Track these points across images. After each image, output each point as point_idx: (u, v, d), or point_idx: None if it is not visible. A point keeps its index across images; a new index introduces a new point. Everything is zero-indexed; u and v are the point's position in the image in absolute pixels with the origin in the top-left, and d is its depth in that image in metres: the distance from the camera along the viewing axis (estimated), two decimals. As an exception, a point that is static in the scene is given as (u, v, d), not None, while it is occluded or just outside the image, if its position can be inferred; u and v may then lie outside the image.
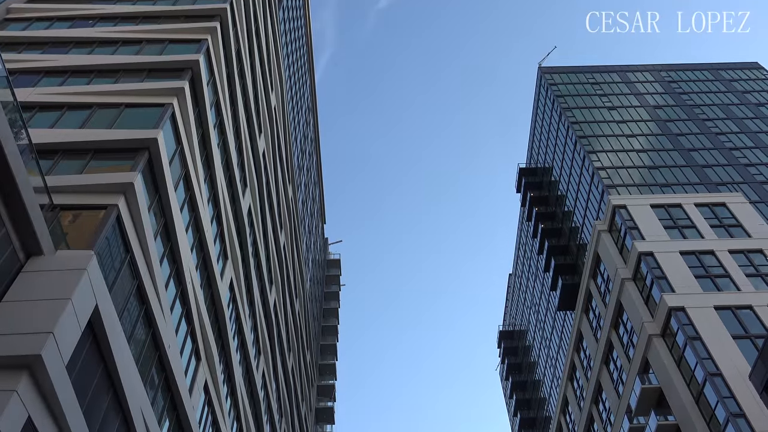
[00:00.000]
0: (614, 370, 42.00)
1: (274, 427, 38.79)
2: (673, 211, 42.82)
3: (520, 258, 75.88)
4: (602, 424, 44.59)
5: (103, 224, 15.27)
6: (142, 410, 16.78)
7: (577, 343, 50.00)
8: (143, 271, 17.19)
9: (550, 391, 60.85)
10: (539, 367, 65.72)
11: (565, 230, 57.02)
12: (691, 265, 38.04)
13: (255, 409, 33.31)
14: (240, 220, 30.33)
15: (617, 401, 41.13)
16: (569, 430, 53.56)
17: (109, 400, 15.24)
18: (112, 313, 14.83)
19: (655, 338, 35.42)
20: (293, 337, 48.24)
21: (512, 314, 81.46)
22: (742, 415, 29.03)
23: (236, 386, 28.08)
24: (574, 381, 51.55)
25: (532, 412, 69.10)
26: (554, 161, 61.10)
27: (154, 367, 18.28)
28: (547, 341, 62.04)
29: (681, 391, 32.48)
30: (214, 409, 24.38)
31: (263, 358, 35.57)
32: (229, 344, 26.75)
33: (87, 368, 14.09)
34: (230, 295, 28.27)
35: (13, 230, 13.11)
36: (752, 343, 32.56)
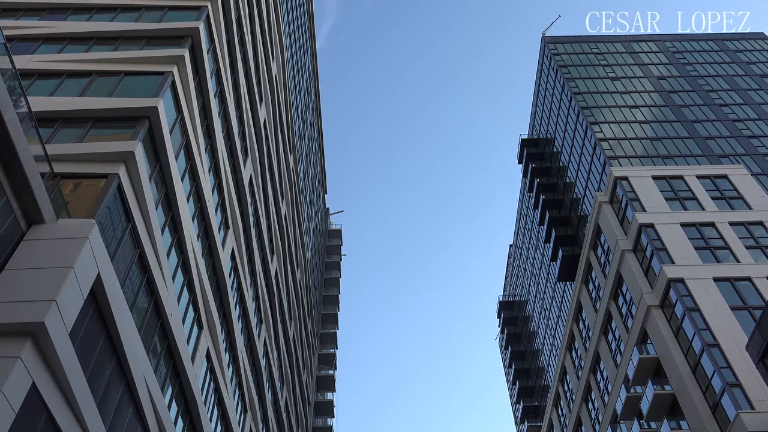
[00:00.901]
0: (612, 340, 42.38)
1: (276, 394, 39.30)
2: (674, 183, 42.77)
3: (520, 229, 76.00)
4: (600, 393, 45.16)
5: (104, 193, 15.26)
6: (145, 377, 16.98)
7: (577, 314, 50.37)
8: (145, 240, 17.24)
9: (549, 360, 61.49)
10: (538, 337, 66.31)
11: (566, 201, 57.01)
12: (692, 236, 38.12)
13: (257, 377, 33.71)
14: (241, 190, 30.32)
15: (615, 371, 41.58)
16: (567, 399, 54.27)
17: (113, 367, 15.41)
18: (114, 282, 14.92)
19: (653, 309, 35.66)
20: (294, 306, 48.59)
21: (512, 285, 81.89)
22: (738, 385, 29.37)
23: (238, 354, 28.37)
24: (573, 351, 52.06)
25: (531, 381, 69.94)
26: (556, 132, 60.80)
27: (157, 335, 18.45)
28: (546, 312, 62.49)
29: (678, 361, 32.81)
30: (216, 376, 24.67)
31: (265, 326, 35.88)
32: (231, 313, 26.96)
33: (90, 336, 14.22)
34: (232, 264, 28.40)
35: (14, 198, 13.11)
36: (750, 315, 32.79)
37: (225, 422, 26.31)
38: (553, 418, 59.14)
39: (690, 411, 31.49)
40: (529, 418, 67.90)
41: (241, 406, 29.80)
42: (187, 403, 21.18)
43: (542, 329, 64.41)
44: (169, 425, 18.65)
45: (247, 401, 30.69)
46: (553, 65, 61.78)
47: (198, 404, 21.35)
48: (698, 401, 30.90)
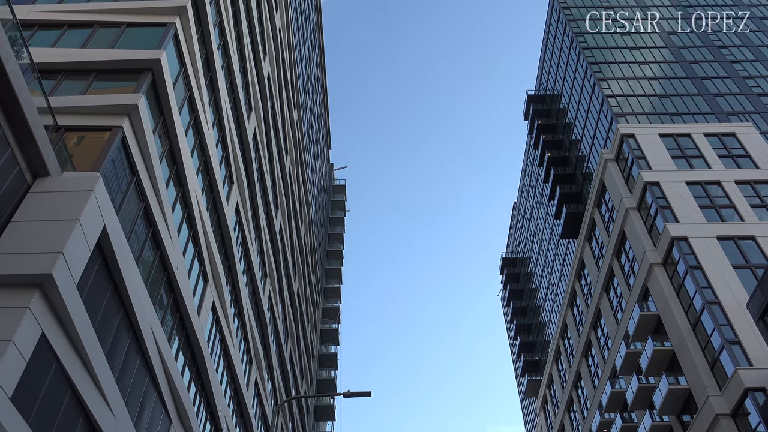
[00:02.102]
0: (614, 297, 42.72)
1: (281, 346, 39.93)
2: (681, 141, 42.43)
3: (525, 186, 75.83)
4: (600, 349, 45.77)
5: (108, 146, 15.23)
6: (152, 329, 17.25)
7: (579, 271, 50.65)
8: (149, 194, 17.28)
9: (550, 316, 62.15)
10: (540, 293, 66.87)
11: (572, 159, 56.70)
12: (697, 195, 38.02)
13: (262, 330, 34.20)
14: (245, 144, 30.22)
15: (615, 327, 42.04)
16: (567, 354, 55.04)
17: (120, 318, 15.64)
18: (120, 235, 15.01)
19: (656, 267, 35.83)
20: (299, 261, 48.95)
21: (515, 242, 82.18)
22: (737, 343, 29.71)
23: (243, 307, 28.73)
24: (574, 307, 52.55)
25: (532, 337, 70.84)
26: (564, 88, 60.05)
27: (163, 288, 18.65)
28: (549, 269, 62.85)
29: (679, 318, 33.12)
30: (222, 328, 25.04)
31: (269, 280, 36.22)
32: (236, 267, 27.19)
33: (97, 288, 14.39)
34: (236, 219, 28.51)
35: (18, 150, 13.10)
36: (752, 273, 32.93)
37: (231, 373, 26.82)
38: (553, 372, 60.12)
39: (688, 367, 31.94)
40: (529, 373, 69.02)
41: (246, 357, 30.32)
42: (194, 354, 21.56)
43: (544, 286, 64.89)
44: (176, 375, 19.02)
45: (252, 353, 31.21)
46: (562, 19, 60.62)
47: (204, 355, 21.73)
48: (697, 357, 31.31)
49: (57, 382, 12.65)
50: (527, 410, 79.15)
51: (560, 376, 57.84)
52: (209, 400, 23.31)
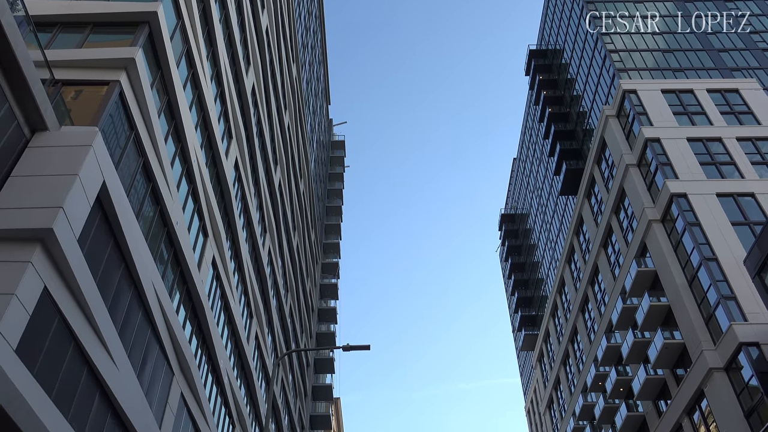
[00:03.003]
0: (612, 253, 42.98)
1: (281, 301, 40.36)
2: (683, 97, 42.05)
3: (525, 142, 75.44)
4: (596, 304, 46.29)
5: (106, 101, 15.08)
6: (154, 283, 17.40)
7: (578, 227, 50.83)
8: (148, 149, 17.20)
9: (548, 272, 62.64)
10: (538, 249, 67.23)
11: (573, 115, 56.26)
12: (698, 152, 37.88)
13: (262, 284, 34.51)
14: (244, 99, 29.94)
15: (612, 283, 42.43)
16: (564, 309, 55.70)
17: (121, 273, 15.76)
18: (119, 190, 15.00)
19: (654, 224, 35.95)
20: (298, 216, 49.06)
21: (515, 198, 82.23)
22: (733, 298, 30.03)
23: (243, 262, 28.92)
24: (572, 263, 52.92)
25: (529, 292, 71.55)
26: (566, 43, 59.16)
27: (163, 242, 18.74)
28: (547, 225, 63.05)
29: (675, 274, 33.40)
30: (223, 283, 25.26)
31: (269, 236, 36.37)
32: (236, 222, 27.26)
33: (98, 242, 14.46)
34: (235, 174, 28.45)
35: (16, 104, 12.97)
36: (750, 230, 33.07)
37: (231, 326, 27.18)
38: (549, 327, 60.94)
39: (684, 322, 32.36)
40: (526, 327, 69.96)
41: (246, 311, 30.68)
42: (195, 309, 21.81)
43: (542, 242, 65.21)
44: (178, 329, 19.28)
45: (253, 307, 31.56)
46: (566, -29, 59.29)
47: (205, 309, 21.99)
48: (692, 313, 31.70)
49: (60, 335, 12.83)
50: (523, 364, 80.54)
51: (557, 331, 58.67)
52: (210, 353, 23.68)
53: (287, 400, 42.78)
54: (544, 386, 64.52)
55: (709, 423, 30.39)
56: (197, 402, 21.71)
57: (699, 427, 31.45)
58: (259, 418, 33.06)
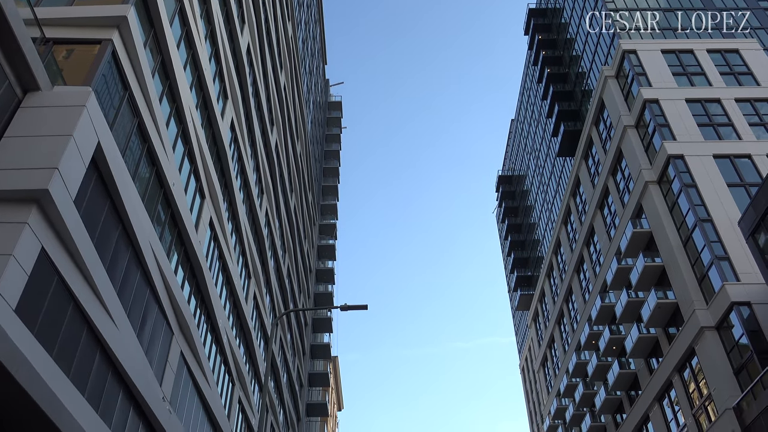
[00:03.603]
0: (608, 214, 43.15)
1: (278, 262, 40.60)
2: (683, 57, 41.65)
3: (523, 103, 74.91)
4: (591, 265, 46.67)
5: (98, 60, 14.91)
6: (151, 244, 17.48)
7: (574, 189, 50.90)
8: (143, 109, 17.08)
9: (544, 233, 62.93)
10: (535, 210, 67.42)
11: (572, 75, 55.74)
12: (696, 113, 37.71)
13: (259, 245, 34.67)
14: (239, 59, 29.60)
15: (608, 244, 42.71)
16: (560, 270, 56.15)
17: (119, 234, 15.82)
18: (114, 151, 14.96)
19: (651, 185, 36.01)
20: (295, 177, 48.99)
21: (512, 159, 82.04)
22: (726, 259, 30.29)
23: (240, 224, 29.00)
24: (568, 224, 53.15)
25: (525, 253, 71.99)
26: (566, 2, 58.26)
27: (160, 204, 18.77)
28: (544, 186, 63.08)
29: (670, 235, 33.62)
30: (220, 244, 25.38)
31: (266, 197, 36.38)
32: (232, 183, 27.24)
33: (94, 204, 14.48)
34: (231, 135, 28.31)
35: (7, 64, 12.83)
36: (746, 191, 33.17)
37: (230, 287, 27.41)
38: (545, 287, 61.53)
39: (677, 282, 32.71)
40: (522, 287, 70.61)
41: (244, 272, 30.90)
42: (193, 269, 21.96)
43: (539, 203, 65.35)
44: (176, 289, 19.45)
45: (251, 268, 31.78)
46: (567, -73, 58.03)
47: (203, 270, 22.14)
48: (686, 273, 32.02)
49: (59, 295, 12.95)
50: (519, 323, 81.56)
51: (552, 291, 59.26)
52: (209, 313, 23.94)
53: (286, 358, 43.41)
54: (538, 345, 65.47)
55: (699, 380, 30.98)
56: (197, 360, 22.04)
57: (689, 384, 32.08)
58: (258, 376, 33.60)
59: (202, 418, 23.16)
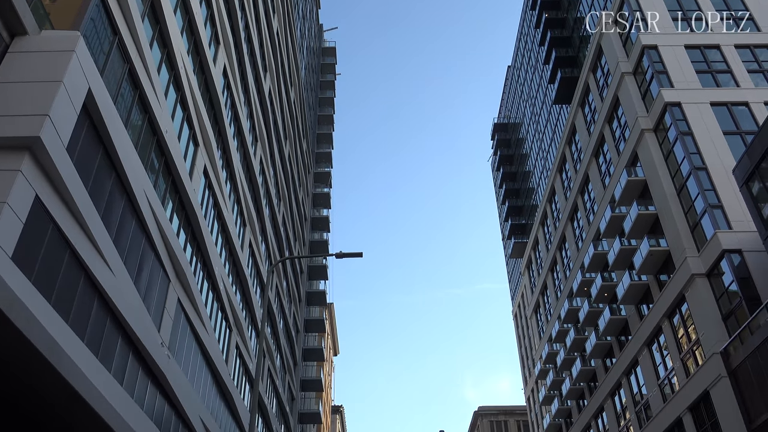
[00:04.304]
0: (603, 162, 43.13)
1: (273, 210, 40.65)
2: (684, 2, 40.88)
3: (520, 49, 73.79)
4: (585, 213, 46.91)
5: (86, 3, 14.53)
6: (146, 192, 17.44)
7: (570, 136, 50.70)
8: (133, 55, 16.76)
9: (539, 181, 62.99)
10: (530, 159, 67.28)
11: (570, 21, 54.78)
12: (694, 59, 37.27)
13: (254, 194, 34.63)
14: (230, 2, 28.91)
15: (602, 192, 42.83)
16: (554, 218, 56.45)
17: (112, 182, 15.75)
18: (106, 97, 14.75)
19: (647, 133, 35.88)
20: (289, 125, 48.56)
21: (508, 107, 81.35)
22: (719, 207, 30.47)
23: (235, 171, 28.89)
24: (563, 173, 53.16)
25: (520, 201, 72.22)
26: (565, -57, 56.71)
27: (153, 151, 18.63)
28: (540, 134, 62.78)
29: (665, 183, 33.70)
30: (215, 192, 25.33)
31: (260, 145, 36.15)
32: (226, 131, 27.01)
33: (87, 151, 14.36)
34: (224, 82, 27.91)
35: (-8, 8, 12.49)
36: (742, 140, 33.11)
37: (225, 235, 27.51)
38: (538, 235, 61.96)
39: (670, 230, 32.97)
40: (515, 235, 71.10)
41: (240, 220, 30.96)
42: (188, 217, 21.98)
43: (534, 151, 65.17)
44: (172, 237, 19.51)
45: (246, 216, 31.82)
46: None
47: (198, 218, 22.17)
48: (679, 221, 32.24)
49: (55, 243, 12.98)
50: (512, 270, 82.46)
51: (545, 239, 59.72)
52: (205, 261, 24.09)
53: (282, 305, 43.95)
54: (531, 292, 66.39)
55: (688, 326, 31.60)
56: (194, 307, 22.30)
57: (678, 330, 32.73)
58: (255, 322, 34.08)
59: (201, 363, 23.59)
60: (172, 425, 20.19)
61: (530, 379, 73.77)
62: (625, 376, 39.83)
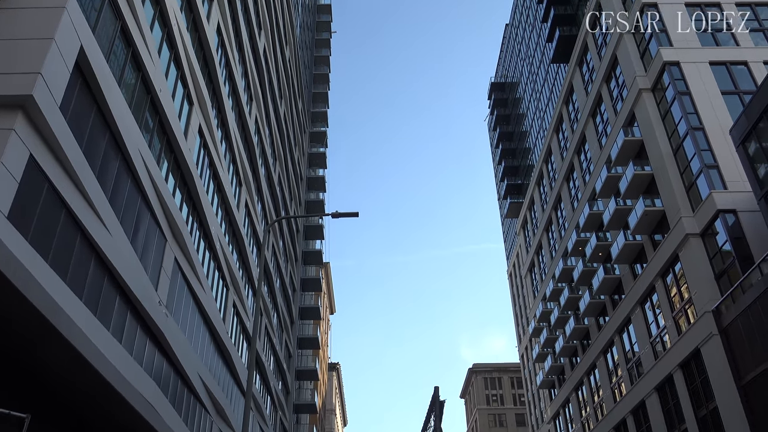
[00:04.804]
0: (600, 122, 42.94)
1: (269, 169, 40.53)
2: (686, -42, 40.11)
3: (518, 6, 72.65)
4: (581, 173, 46.91)
5: (75, -43, 14.20)
6: (141, 151, 17.34)
7: (567, 96, 50.35)
8: (125, 12, 16.47)
9: (536, 141, 62.78)
10: (527, 118, 66.91)
11: (569, -23, 53.81)
12: (695, 18, 36.80)
13: (250, 153, 34.47)
14: (223, -43, 28.28)
15: (599, 152, 42.76)
16: (549, 178, 56.46)
17: (107, 141, 15.65)
18: (98, 55, 14.54)
19: (645, 92, 35.65)
20: (284, 84, 48.05)
21: (505, 66, 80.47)
22: (715, 167, 30.50)
23: (230, 131, 28.70)
24: (560, 132, 52.95)
25: (516, 161, 72.08)
26: None
27: (148, 111, 18.46)
28: (537, 94, 62.30)
29: (661, 143, 33.64)
30: (210, 151, 25.21)
31: (255, 104, 35.82)
32: (221, 90, 26.73)
33: (81, 110, 14.23)
34: (218, 40, 27.49)
35: (-21, -38, 12.22)
36: (740, 99, 32.94)
37: (221, 195, 27.48)
38: (534, 195, 62.07)
39: (665, 190, 33.05)
40: (511, 195, 71.20)
41: (235, 180, 30.89)
42: (183, 177, 21.91)
43: (531, 111, 64.77)
44: (168, 196, 19.49)
45: (242, 175, 31.74)
46: None
47: (194, 177, 22.11)
48: (675, 181, 32.31)
49: (51, 202, 12.96)
50: (507, 231, 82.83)
51: (541, 199, 59.84)
52: (201, 220, 24.12)
53: (278, 264, 44.20)
54: (526, 251, 66.82)
55: (681, 285, 31.95)
56: (191, 266, 22.41)
57: (671, 289, 33.11)
58: (251, 281, 34.32)
59: (199, 322, 23.84)
60: (171, 382, 20.51)
61: (524, 338, 74.84)
62: (618, 334, 40.43)
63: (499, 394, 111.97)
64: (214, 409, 25.79)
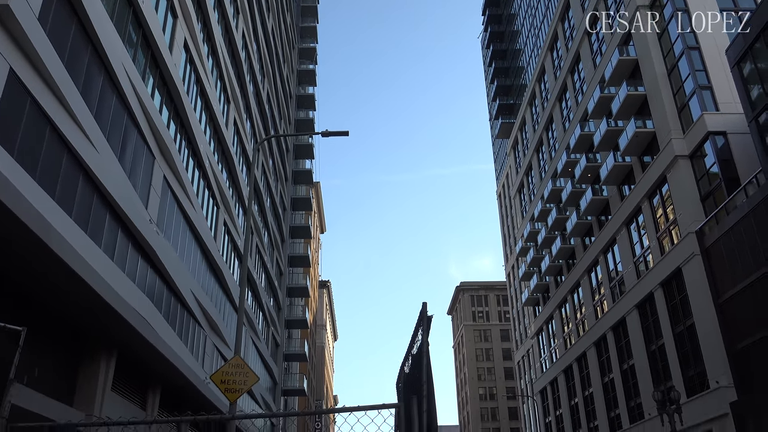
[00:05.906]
0: (595, 41, 42.12)
1: (258, 86, 39.78)
2: None
3: None
4: (574, 93, 46.41)
5: None
6: (125, 66, 16.91)
7: (563, 13, 49.09)
8: None
9: (529, 60, 61.67)
10: (521, 36, 65.44)
11: None
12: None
13: (237, 69, 33.72)
14: None
15: (593, 71, 42.17)
16: (542, 98, 55.87)
17: (89, 55, 15.21)
18: (76, -37, 13.90)
19: (641, 9, 34.81)
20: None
21: (501, -20, 77.90)
22: (709, 88, 30.25)
23: (216, 46, 27.94)
24: (554, 51, 51.96)
25: (509, 80, 71.03)
26: None
27: (131, 24, 17.86)
28: (532, 10, 60.66)
29: (656, 63, 33.17)
30: (197, 67, 24.62)
31: (242, 17, 34.72)
32: (206, 2, 25.81)
33: (60, 22, 13.74)
34: (202, -52, 26.30)
35: None
36: (738, 20, 32.28)
37: (209, 112, 27.06)
38: (526, 115, 61.60)
39: (657, 111, 32.87)
40: (503, 115, 70.61)
41: (223, 97, 30.35)
42: (170, 93, 21.49)
43: (526, 28, 63.26)
44: (154, 113, 19.17)
45: (229, 92, 31.17)
46: None
47: (180, 93, 21.69)
48: (667, 102, 32.08)
49: (34, 118, 12.72)
50: (498, 151, 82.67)
51: (533, 119, 59.44)
52: (190, 138, 23.85)
53: (268, 183, 44.15)
54: (516, 172, 66.97)
55: (667, 206, 32.34)
56: (180, 184, 22.34)
57: (657, 210, 33.53)
58: (242, 200, 34.36)
59: (190, 240, 24.00)
60: (165, 298, 20.87)
61: (511, 257, 76.18)
62: (603, 254, 41.22)
63: (485, 311, 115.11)
64: (208, 324, 26.39)
